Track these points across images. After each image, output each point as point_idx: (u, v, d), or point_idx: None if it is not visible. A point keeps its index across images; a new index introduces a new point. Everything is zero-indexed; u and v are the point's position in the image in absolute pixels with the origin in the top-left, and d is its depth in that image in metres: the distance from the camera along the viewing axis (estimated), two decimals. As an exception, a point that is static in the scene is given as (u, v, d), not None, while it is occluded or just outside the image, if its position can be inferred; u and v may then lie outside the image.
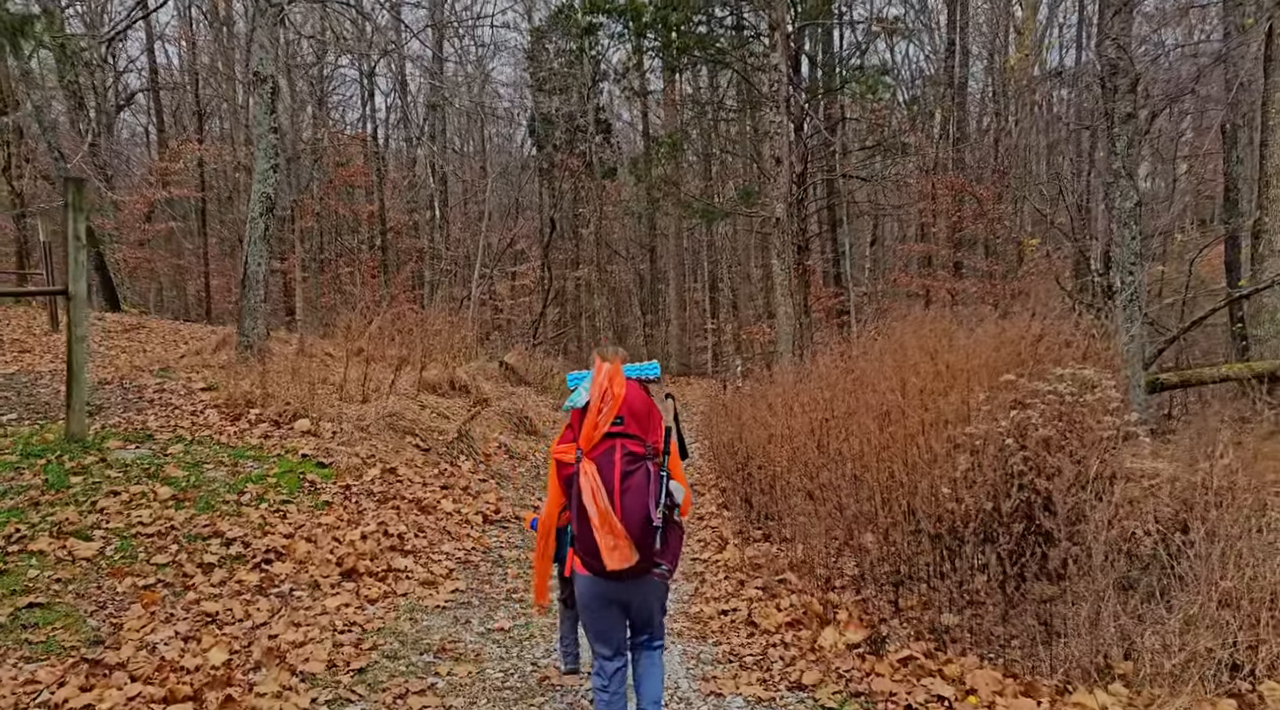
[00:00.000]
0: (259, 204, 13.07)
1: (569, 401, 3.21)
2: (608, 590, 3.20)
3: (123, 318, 20.25)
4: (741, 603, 5.67)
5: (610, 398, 3.11)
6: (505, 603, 5.89)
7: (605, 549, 2.97)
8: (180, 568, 5.45)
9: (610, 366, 3.22)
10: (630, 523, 2.97)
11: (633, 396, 3.17)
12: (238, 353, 12.91)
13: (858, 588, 5.70)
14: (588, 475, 3.01)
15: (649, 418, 3.20)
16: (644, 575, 3.16)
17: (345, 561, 6.10)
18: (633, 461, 3.04)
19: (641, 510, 2.97)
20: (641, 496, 2.99)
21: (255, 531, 6.29)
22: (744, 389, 14.08)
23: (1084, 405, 4.91)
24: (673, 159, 21.70)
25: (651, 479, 3.03)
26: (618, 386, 3.15)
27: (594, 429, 3.07)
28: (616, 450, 3.04)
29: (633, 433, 3.10)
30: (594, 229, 34.20)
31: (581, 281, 38.15)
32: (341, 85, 36.94)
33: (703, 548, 7.40)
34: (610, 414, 3.08)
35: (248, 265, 13.10)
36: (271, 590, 5.47)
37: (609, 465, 3.02)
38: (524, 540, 7.80)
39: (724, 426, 9.92)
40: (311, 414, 9.75)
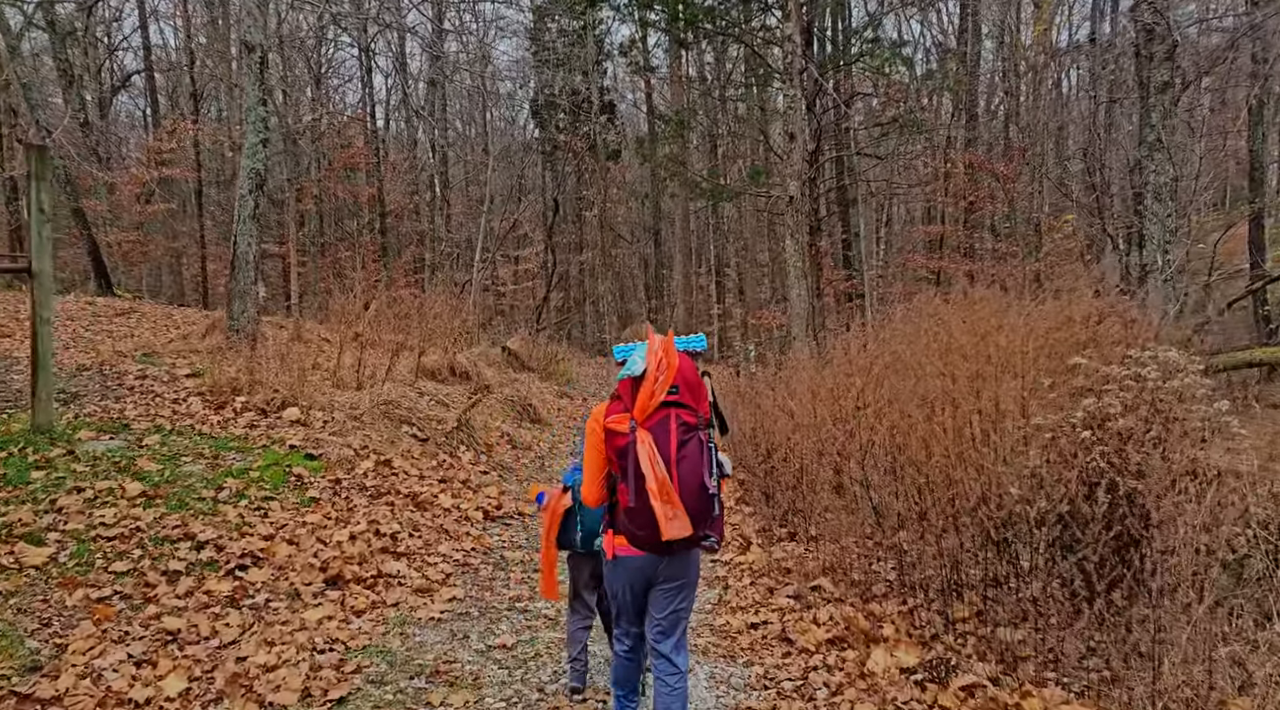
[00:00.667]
0: (248, 181, 12.42)
1: (624, 371, 3.16)
2: (652, 567, 3.19)
3: (114, 302, 19.61)
4: (772, 614, 5.05)
5: (667, 367, 3.07)
6: (508, 614, 5.27)
7: (664, 519, 2.93)
8: (142, 577, 4.84)
9: (664, 338, 3.20)
10: (687, 491, 2.96)
11: (686, 367, 3.14)
12: (227, 338, 12.28)
13: (901, 596, 5.09)
14: (645, 444, 2.97)
15: (699, 388, 3.18)
16: (690, 549, 3.17)
17: (330, 566, 5.49)
18: (686, 431, 3.02)
19: (697, 479, 2.97)
20: (696, 465, 2.98)
21: (231, 533, 5.68)
22: (758, 375, 13.46)
23: (1169, 392, 4.28)
24: (679, 138, 20.97)
25: (704, 449, 3.03)
26: (673, 356, 3.11)
27: (650, 398, 3.03)
28: (671, 420, 3.01)
29: (686, 403, 3.08)
30: (598, 212, 33.52)
31: (585, 266, 37.51)
32: (341, 67, 36.25)
33: (724, 548, 6.79)
34: (666, 383, 3.04)
35: (237, 246, 12.46)
36: (245, 601, 4.85)
37: (665, 434, 3.00)
38: (529, 539, 7.19)
39: (742, 415, 9.30)
40: (301, 402, 9.14)
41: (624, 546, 3.18)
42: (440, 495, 7.89)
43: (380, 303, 11.98)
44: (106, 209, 25.51)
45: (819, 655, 4.41)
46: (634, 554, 3.16)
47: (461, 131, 40.28)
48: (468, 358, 14.20)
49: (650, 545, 3.09)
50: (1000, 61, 24.72)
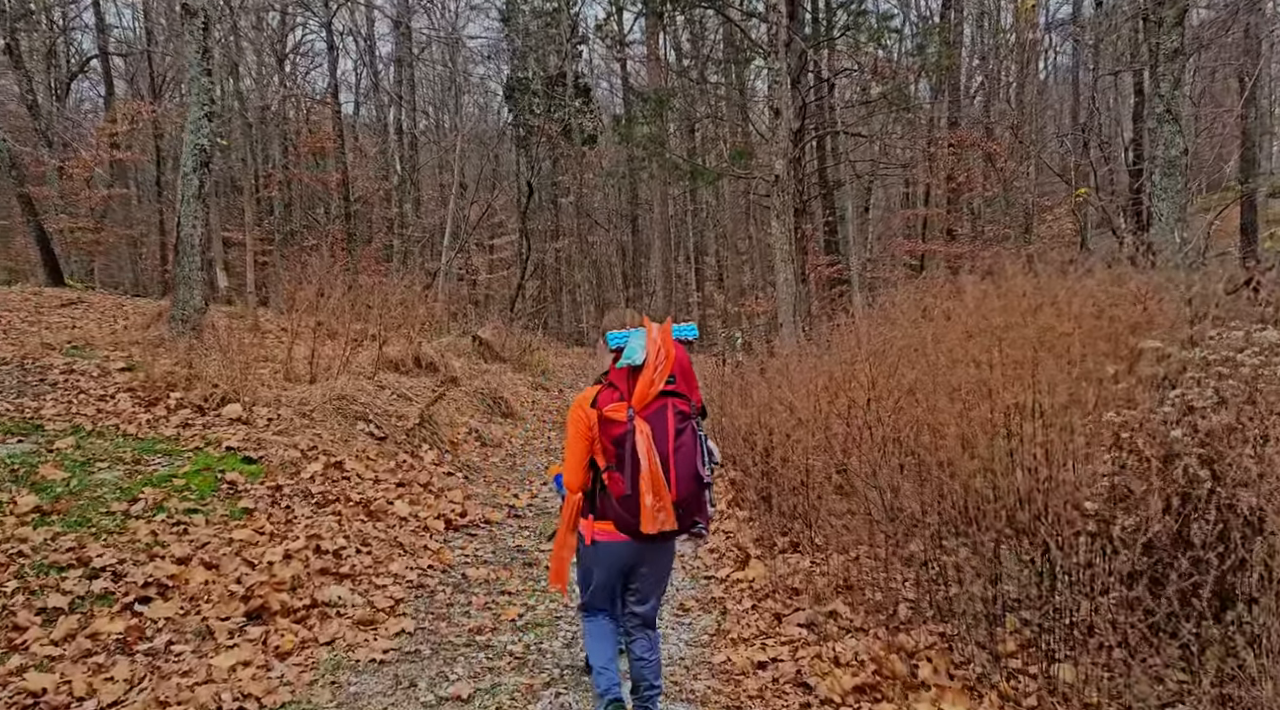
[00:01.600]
0: (192, 157, 11.44)
1: (623, 360, 3.09)
2: (633, 553, 3.19)
3: (62, 292, 18.53)
4: (783, 648, 4.23)
5: (665, 356, 3.06)
6: (466, 651, 4.41)
7: (648, 511, 2.94)
8: (11, 617, 3.94)
9: (662, 326, 3.16)
10: (681, 482, 2.98)
11: (681, 356, 3.14)
12: (171, 328, 11.31)
13: (926, 619, 4.30)
14: (644, 435, 2.96)
15: (693, 377, 3.20)
16: (670, 540, 3.18)
17: (255, 595, 4.61)
18: (682, 420, 3.03)
19: (692, 468, 2.99)
20: (691, 455, 3.00)
21: (138, 555, 4.78)
22: (746, 364, 12.65)
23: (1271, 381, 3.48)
24: (658, 118, 20.10)
25: (698, 438, 3.05)
26: (670, 346, 3.09)
27: (649, 387, 3.02)
28: (668, 409, 3.02)
29: (682, 392, 3.09)
30: (574, 198, 32.59)
31: (561, 253, 36.57)
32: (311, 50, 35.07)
33: (718, 561, 5.96)
34: (665, 373, 3.04)
35: (181, 229, 11.48)
36: (139, 646, 3.97)
37: (662, 425, 3.00)
38: (495, 552, 6.33)
39: (734, 409, 8.48)
40: (244, 398, 8.23)
41: (606, 532, 3.17)
42: (397, 502, 7.01)
43: (339, 290, 11.03)
44: (58, 196, 24.32)
45: (846, 708, 3.59)
46: (614, 540, 3.15)
47: (433, 117, 39.16)
48: (435, 348, 13.29)
49: (630, 534, 3.07)
50: (980, 44, 24.05)
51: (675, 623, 4.82)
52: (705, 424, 3.31)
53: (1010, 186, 17.73)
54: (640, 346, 3.08)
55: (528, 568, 5.90)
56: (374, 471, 7.66)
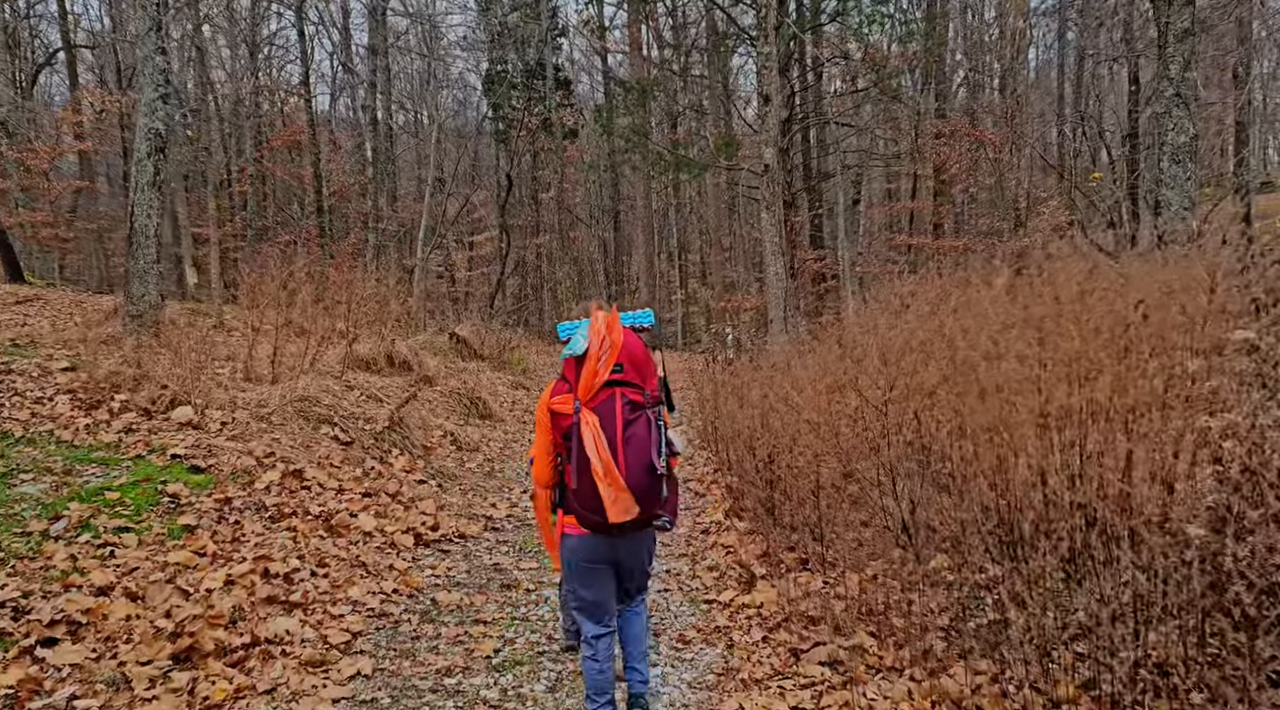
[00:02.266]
0: (146, 142, 10.70)
1: (566, 350, 3.02)
2: (603, 548, 3.09)
3: (19, 289, 17.71)
4: (804, 693, 3.61)
5: (610, 345, 2.93)
6: (433, 699, 3.76)
7: (609, 501, 2.84)
8: (-125, 670, 3.26)
9: (607, 314, 3.04)
10: (633, 472, 2.87)
11: (631, 344, 3.01)
12: (124, 324, 10.57)
13: (963, 651, 3.70)
14: (589, 425, 2.86)
15: (647, 365, 3.05)
16: (641, 529, 3.07)
17: (185, 631, 3.94)
18: (633, 410, 2.93)
19: (644, 459, 2.88)
20: (644, 445, 2.89)
21: (50, 585, 4.10)
22: (739, 364, 12.06)
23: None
24: (641, 107, 19.44)
25: (652, 428, 2.93)
26: (616, 334, 2.97)
27: (594, 377, 2.92)
28: (617, 399, 2.92)
29: (632, 380, 2.98)
30: (555, 193, 31.87)
31: (543, 250, 35.87)
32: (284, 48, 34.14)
33: (718, 581, 5.33)
34: (610, 361, 2.92)
35: (135, 218, 10.73)
36: (32, 705, 3.29)
37: (610, 414, 2.90)
38: (469, 572, 5.67)
39: (730, 410, 7.88)
40: (196, 400, 7.54)
41: (571, 526, 3.11)
42: (361, 514, 6.34)
43: (305, 284, 10.33)
44: (18, 188, 23.40)
45: (890, 777, 2.97)
46: (581, 534, 3.07)
47: (411, 110, 38.36)
48: (410, 346, 12.60)
49: (598, 527, 2.98)
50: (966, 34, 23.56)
51: (675, 660, 4.18)
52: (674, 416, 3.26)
53: (1003, 177, 17.21)
54: (584, 336, 3.00)
55: (506, 591, 5.26)
56: (337, 480, 6.98)
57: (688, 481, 8.32)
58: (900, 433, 4.84)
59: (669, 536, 6.43)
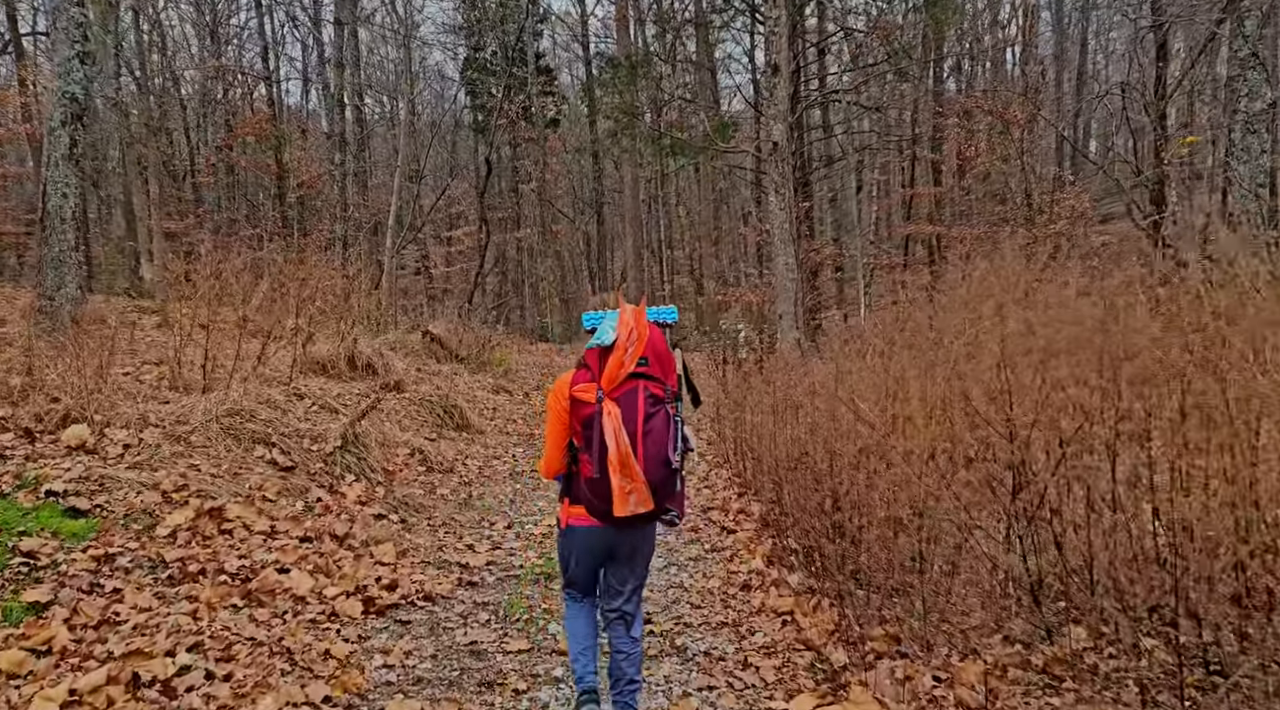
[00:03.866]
0: (60, 109, 9.12)
1: (594, 340, 3.01)
2: (607, 539, 3.09)
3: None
4: None
5: (638, 337, 2.95)
6: None
7: (620, 493, 2.84)
8: None
9: (636, 307, 3.07)
10: (650, 466, 2.87)
11: (656, 338, 3.03)
12: (36, 322, 8.99)
13: None
14: (612, 416, 2.86)
15: (668, 360, 3.06)
16: (647, 524, 3.07)
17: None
18: (654, 403, 2.93)
19: (661, 452, 2.88)
20: (661, 439, 2.89)
21: None
22: (750, 366, 10.61)
23: None
24: (631, 84, 17.92)
25: (670, 423, 2.94)
26: (644, 326, 2.99)
27: (619, 368, 2.92)
28: (639, 392, 2.92)
29: (655, 374, 2.98)
30: (536, 185, 30.29)
31: (524, 244, 34.33)
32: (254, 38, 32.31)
33: (782, 672, 3.84)
34: (636, 354, 2.94)
35: (48, 199, 9.16)
36: None
37: (632, 407, 2.90)
38: (435, 658, 4.12)
39: (759, 426, 6.43)
40: (97, 415, 6.00)
41: (579, 517, 3.09)
42: (294, 569, 4.82)
43: (242, 274, 8.80)
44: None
45: None
46: (589, 525, 3.06)
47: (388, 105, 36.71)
48: (376, 346, 11.06)
49: (602, 518, 2.97)
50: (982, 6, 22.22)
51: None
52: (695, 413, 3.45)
53: (1025, 158, 15.82)
54: (612, 327, 2.99)
55: (486, 690, 3.75)
56: (270, 519, 5.46)
57: (708, 509, 6.84)
58: (1059, 470, 3.40)
59: (701, 594, 4.97)
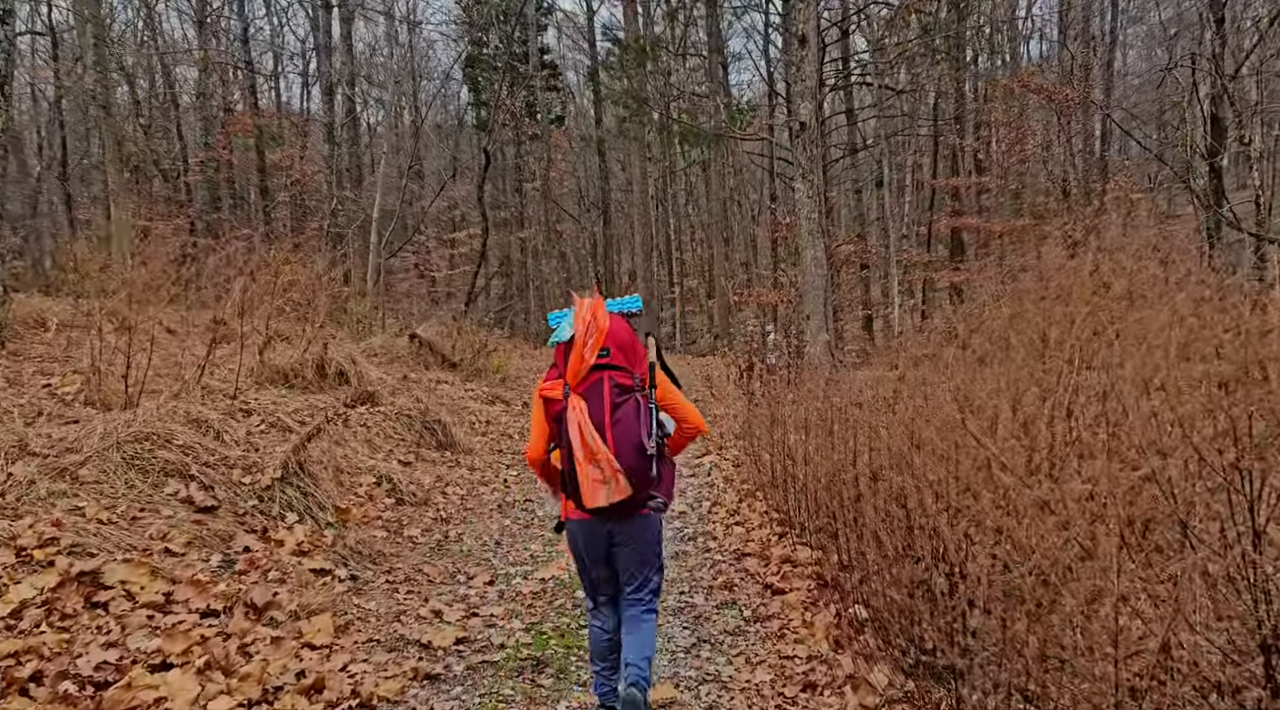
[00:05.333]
0: (-28, 75, 7.80)
1: (553, 337, 3.10)
2: (596, 532, 3.10)
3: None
4: None
5: (594, 329, 2.97)
6: None
7: (588, 483, 2.87)
8: None
9: (591, 300, 3.08)
10: (624, 453, 2.88)
11: (617, 329, 3.04)
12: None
13: None
14: (576, 409, 2.90)
15: (634, 350, 3.07)
16: (634, 514, 3.04)
17: None
18: (621, 393, 2.95)
19: (633, 440, 2.90)
20: (632, 427, 2.91)
21: None
22: (782, 373, 9.28)
23: None
24: (640, 68, 16.57)
25: (642, 410, 2.95)
26: (601, 319, 3.01)
27: (580, 362, 2.95)
28: (605, 383, 2.94)
29: (619, 364, 2.99)
30: (541, 183, 28.96)
31: (528, 245, 33.01)
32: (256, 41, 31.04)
33: None
34: (595, 345, 2.96)
35: (-39, 179, 7.85)
36: None
37: (598, 398, 2.93)
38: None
39: (811, 454, 5.04)
40: (-41, 442, 4.63)
41: (572, 510, 3.09)
42: (180, 667, 3.45)
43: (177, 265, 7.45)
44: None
45: None
46: (580, 518, 3.06)
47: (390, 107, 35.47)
48: (354, 352, 9.70)
49: (589, 509, 2.94)
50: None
51: None
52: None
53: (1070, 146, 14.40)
54: (569, 323, 3.03)
55: None
56: (168, 583, 4.10)
57: (742, 556, 5.44)
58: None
59: (748, 695, 3.58)
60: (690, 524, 6.37)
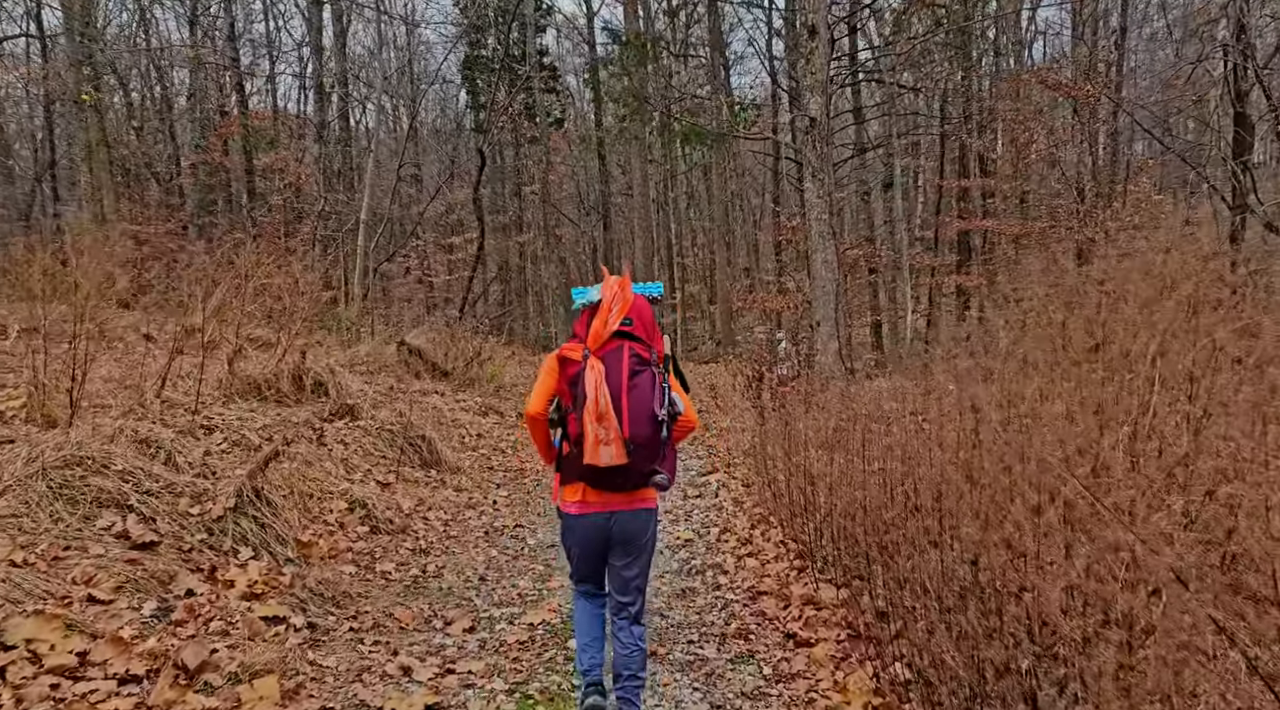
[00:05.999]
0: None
1: (580, 300, 3.19)
2: (599, 524, 3.10)
3: None
4: None
5: (621, 299, 3.04)
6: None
7: (594, 442, 2.86)
8: None
9: (620, 276, 3.15)
10: (636, 419, 2.91)
11: (640, 305, 3.14)
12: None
13: None
14: (594, 370, 2.92)
15: (654, 329, 3.17)
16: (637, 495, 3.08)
17: None
18: (639, 363, 2.99)
19: (647, 408, 2.93)
20: (646, 395, 2.95)
21: None
22: (795, 384, 8.67)
23: None
24: (641, 65, 15.97)
25: (656, 382, 2.99)
26: (628, 291, 3.08)
27: (604, 326, 3.00)
28: (624, 350, 2.99)
29: (639, 335, 3.06)
30: (540, 187, 28.35)
31: (526, 250, 32.41)
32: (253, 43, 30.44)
33: None
34: (620, 314, 3.03)
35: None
36: None
37: (617, 363, 2.97)
38: None
39: (823, 468, 4.42)
40: None
41: (570, 500, 3.13)
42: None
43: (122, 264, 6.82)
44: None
45: None
46: (580, 512, 3.10)
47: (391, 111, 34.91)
48: (331, 362, 9.08)
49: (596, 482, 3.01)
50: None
51: None
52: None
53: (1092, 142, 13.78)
54: (597, 290, 3.10)
55: None
56: (86, 639, 3.47)
57: (758, 594, 4.80)
58: None
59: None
60: (697, 554, 5.73)
